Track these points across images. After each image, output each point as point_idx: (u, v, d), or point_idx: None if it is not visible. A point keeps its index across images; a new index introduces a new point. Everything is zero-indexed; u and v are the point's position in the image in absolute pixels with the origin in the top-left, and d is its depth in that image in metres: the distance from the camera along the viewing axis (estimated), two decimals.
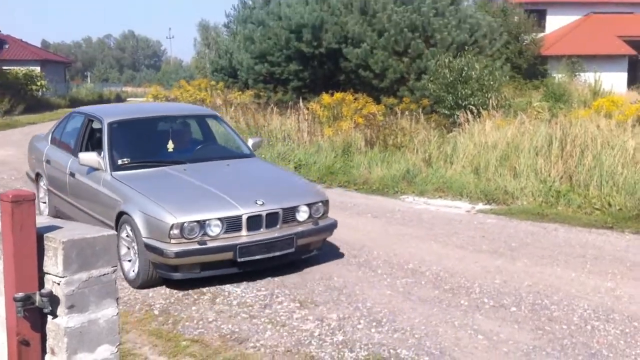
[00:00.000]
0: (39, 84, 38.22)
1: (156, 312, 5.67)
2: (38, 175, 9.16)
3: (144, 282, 6.27)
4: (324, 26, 19.59)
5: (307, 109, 15.95)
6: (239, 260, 6.21)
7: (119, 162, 7.16)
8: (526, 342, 5.03)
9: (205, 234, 6.09)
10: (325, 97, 16.33)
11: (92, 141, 7.90)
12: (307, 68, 20.73)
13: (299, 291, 6.15)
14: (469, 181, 10.87)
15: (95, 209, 7.16)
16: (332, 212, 7.88)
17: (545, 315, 5.56)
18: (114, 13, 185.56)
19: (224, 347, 4.97)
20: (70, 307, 2.37)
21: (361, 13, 19.05)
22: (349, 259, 7.21)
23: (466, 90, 14.53)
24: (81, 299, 2.40)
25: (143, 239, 6.12)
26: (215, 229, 6.12)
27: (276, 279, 6.50)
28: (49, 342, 2.43)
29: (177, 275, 6.15)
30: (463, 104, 14.25)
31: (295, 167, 12.96)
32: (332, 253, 7.40)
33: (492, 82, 14.74)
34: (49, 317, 2.42)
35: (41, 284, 2.42)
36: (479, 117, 13.11)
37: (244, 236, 6.25)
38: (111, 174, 6.99)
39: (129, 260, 6.49)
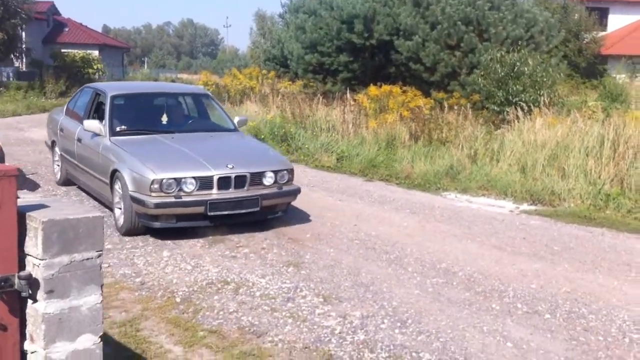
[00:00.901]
0: (95, 67, 38.88)
1: (178, 300, 5.56)
2: (54, 142, 10.34)
3: (128, 230, 7.42)
4: (375, 17, 19.31)
5: (354, 100, 15.72)
6: (209, 214, 7.27)
7: (117, 129, 8.36)
8: (558, 352, 4.74)
9: (181, 189, 7.18)
10: (372, 89, 16.07)
11: (98, 112, 8.97)
12: (357, 59, 20.49)
13: (325, 286, 5.97)
14: (514, 180, 10.49)
15: (95, 169, 8.34)
16: (369, 207, 7.73)
17: (581, 324, 5.25)
18: (174, 1, 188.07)
19: (241, 339, 4.83)
20: (50, 292, 2.23)
21: (414, 5, 18.67)
22: (380, 254, 6.99)
23: (517, 86, 14.05)
24: (62, 283, 2.25)
25: (129, 192, 7.23)
26: (189, 186, 7.20)
27: (303, 271, 6.34)
28: (29, 328, 2.30)
29: (156, 224, 7.23)
30: (514, 101, 13.79)
31: (338, 159, 12.78)
32: (363, 248, 7.20)
33: (545, 79, 14.21)
34: (29, 302, 2.29)
35: (22, 266, 2.29)
36: (530, 114, 12.66)
37: (215, 194, 7.32)
38: (110, 139, 8.16)
39: (119, 209, 7.56)
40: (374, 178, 11.63)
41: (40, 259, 2.21)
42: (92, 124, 8.34)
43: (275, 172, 7.78)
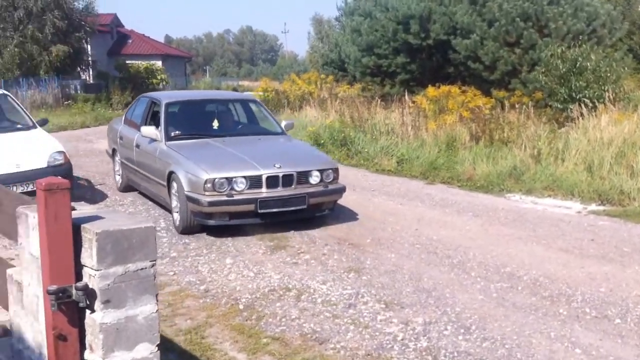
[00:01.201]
0: (159, 77, 39.82)
1: (241, 307, 5.62)
2: (114, 150, 10.84)
3: (184, 228, 7.87)
4: (431, 17, 19.12)
5: (413, 102, 15.60)
6: (259, 211, 7.70)
7: (172, 134, 8.90)
8: (629, 358, 4.58)
9: (232, 188, 7.62)
10: (431, 90, 15.90)
11: (154, 119, 9.43)
12: (414, 60, 20.33)
13: (386, 291, 5.94)
14: (581, 180, 10.21)
15: (153, 172, 8.82)
16: (430, 210, 7.62)
17: None
18: (234, 9, 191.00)
19: (303, 346, 4.85)
20: (106, 302, 2.28)
21: (470, 3, 18.39)
22: (442, 259, 6.90)
23: (580, 82, 13.65)
24: (117, 294, 2.30)
25: (185, 192, 7.69)
26: (240, 185, 7.64)
27: (364, 277, 6.32)
28: (88, 338, 2.36)
29: (211, 222, 7.72)
30: (577, 97, 13.41)
31: (398, 162, 12.71)
32: (424, 252, 7.13)
33: (609, 74, 13.77)
34: (87, 312, 2.35)
35: (79, 277, 2.35)
36: (594, 111, 12.29)
37: (264, 192, 7.73)
38: (165, 144, 8.68)
39: (177, 212, 8.00)
40: (435, 181, 11.51)
41: (95, 270, 2.27)
42: (149, 130, 8.86)
43: (321, 171, 8.15)
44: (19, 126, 9.76)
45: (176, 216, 8.03)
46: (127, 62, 39.78)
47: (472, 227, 8.28)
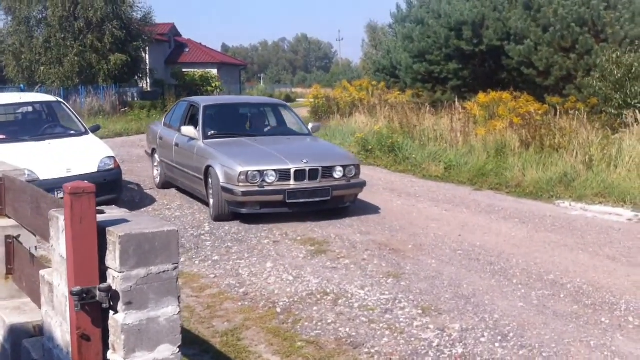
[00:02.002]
0: (214, 85, 40.48)
1: (278, 310, 5.67)
2: (153, 150, 11.72)
3: (217, 216, 8.79)
4: (485, 23, 18.91)
5: (463, 108, 15.45)
6: (287, 201, 8.52)
7: (209, 133, 9.82)
8: None
9: (263, 180, 8.46)
10: (481, 96, 15.72)
11: (192, 120, 10.32)
12: (467, 66, 20.14)
13: (424, 297, 5.90)
14: (633, 187, 9.94)
15: (191, 167, 9.69)
16: (475, 217, 7.54)
17: None
18: (289, 17, 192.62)
19: (338, 350, 4.86)
20: (128, 304, 2.35)
21: (525, 8, 18.10)
22: (484, 265, 6.82)
23: (636, 88, 13.27)
24: (139, 295, 2.36)
25: (220, 184, 8.58)
26: (271, 178, 8.48)
27: (403, 283, 6.29)
28: (111, 339, 2.42)
29: (243, 210, 8.59)
30: (632, 103, 13.05)
31: (445, 169, 12.60)
32: (466, 259, 7.05)
33: None
34: (110, 313, 2.42)
35: (104, 279, 2.42)
36: None
37: (292, 184, 8.54)
38: (203, 142, 9.58)
39: (212, 202, 8.89)
40: (483, 187, 11.37)
41: (118, 272, 2.33)
42: (189, 130, 9.79)
43: (344, 166, 8.92)
44: (71, 132, 10.07)
45: (211, 205, 8.92)
46: (184, 70, 40.60)
47: (518, 233, 8.15)
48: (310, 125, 10.80)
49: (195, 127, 9.81)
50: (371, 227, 8.51)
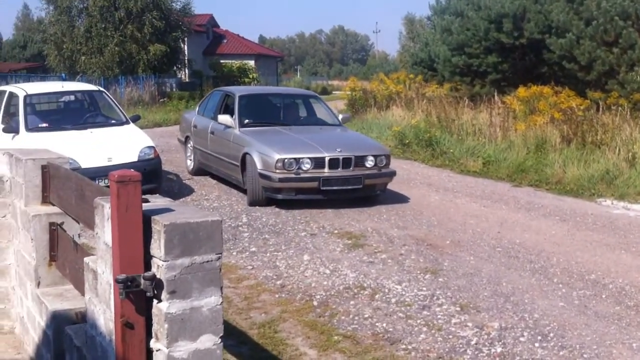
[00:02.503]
0: (251, 76, 40.69)
1: (315, 303, 5.66)
2: (187, 138, 12.01)
3: (252, 201, 9.17)
4: (526, 15, 18.56)
5: (502, 102, 15.24)
6: (322, 188, 8.80)
7: (245, 121, 10.12)
8: None
9: (299, 168, 8.76)
10: (521, 90, 15.47)
11: (227, 109, 10.66)
12: (506, 60, 19.81)
13: (462, 294, 5.84)
14: None
15: (227, 155, 10.01)
16: (515, 213, 7.41)
17: None
18: (326, 9, 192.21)
19: (374, 346, 4.84)
20: (172, 293, 2.34)
21: (567, 0, 17.73)
22: (524, 263, 6.72)
23: None
24: (183, 285, 2.36)
25: (258, 170, 8.89)
26: (306, 165, 8.79)
27: (440, 279, 6.23)
28: (154, 327, 2.43)
29: (279, 196, 8.90)
30: None
31: (484, 164, 12.45)
32: (505, 256, 6.96)
33: None
34: (154, 302, 2.42)
35: (148, 267, 2.43)
36: None
37: (326, 172, 8.85)
38: (239, 130, 9.89)
39: (248, 188, 9.22)
40: (522, 183, 11.21)
41: (163, 261, 2.33)
42: (225, 118, 10.10)
43: (375, 156, 9.21)
44: (112, 121, 10.19)
45: (247, 191, 9.34)
46: (221, 61, 40.85)
47: (558, 231, 8.02)
48: (340, 117, 11.23)
49: (231, 116, 10.11)
50: (408, 221, 8.46)
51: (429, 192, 10.42)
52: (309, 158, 8.83)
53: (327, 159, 8.86)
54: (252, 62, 44.50)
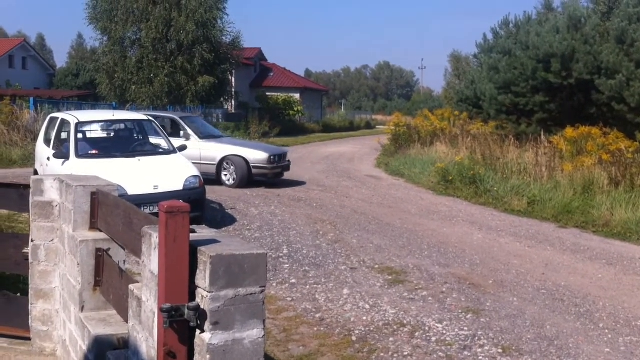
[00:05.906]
0: (296, 109, 41.07)
1: (354, 339, 5.62)
2: None
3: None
4: (575, 56, 18.41)
5: (549, 142, 15.05)
6: None
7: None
8: None
9: None
10: (569, 130, 15.27)
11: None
12: (554, 99, 19.61)
13: (505, 336, 5.72)
14: None
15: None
16: (560, 255, 7.26)
17: None
18: (372, 45, 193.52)
19: None
20: (215, 324, 2.36)
21: (617, 42, 17.53)
22: (569, 307, 6.56)
23: None
24: (226, 316, 2.38)
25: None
26: None
27: (482, 319, 6.12)
28: (195, 357, 2.45)
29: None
30: None
31: (529, 203, 12.27)
32: (550, 298, 6.81)
33: None
34: (197, 332, 2.44)
35: (192, 298, 2.45)
36: None
37: None
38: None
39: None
40: (568, 225, 11.00)
41: (207, 292, 2.36)
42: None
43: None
44: (160, 150, 10.39)
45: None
46: (267, 94, 41.36)
47: (605, 275, 7.82)
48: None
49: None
50: (450, 259, 8.36)
51: (472, 230, 10.30)
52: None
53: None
54: (297, 95, 44.96)
